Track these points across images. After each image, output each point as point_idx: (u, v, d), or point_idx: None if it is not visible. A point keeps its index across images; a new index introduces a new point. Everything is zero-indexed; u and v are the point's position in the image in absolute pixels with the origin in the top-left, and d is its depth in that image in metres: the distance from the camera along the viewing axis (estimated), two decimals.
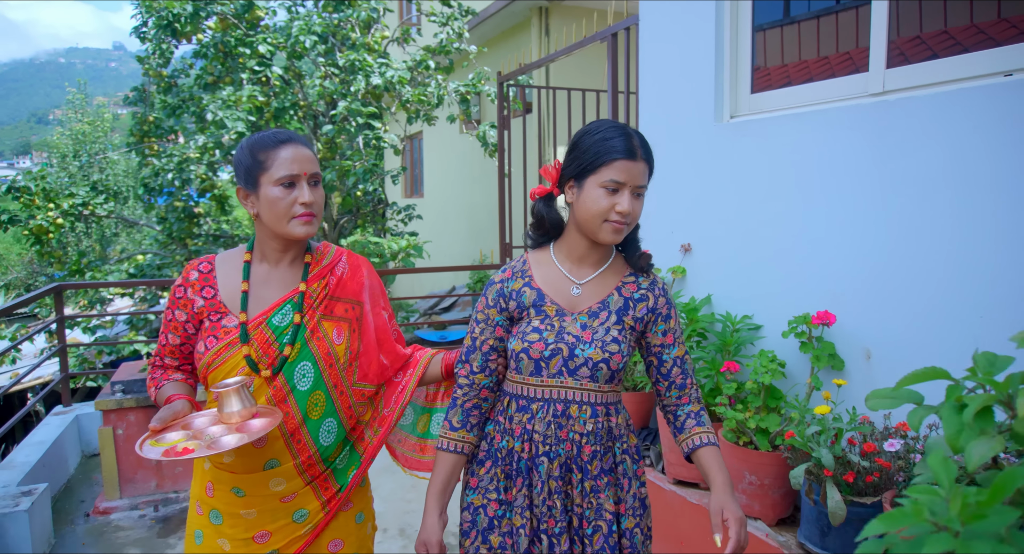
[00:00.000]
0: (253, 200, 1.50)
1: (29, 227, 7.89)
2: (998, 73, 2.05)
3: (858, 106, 2.42)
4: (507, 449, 1.55)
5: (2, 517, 3.07)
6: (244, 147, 1.52)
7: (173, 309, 1.55)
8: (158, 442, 1.34)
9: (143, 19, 7.97)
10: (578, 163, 1.46)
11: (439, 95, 7.67)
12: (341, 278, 1.63)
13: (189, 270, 1.57)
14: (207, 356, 1.50)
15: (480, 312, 1.58)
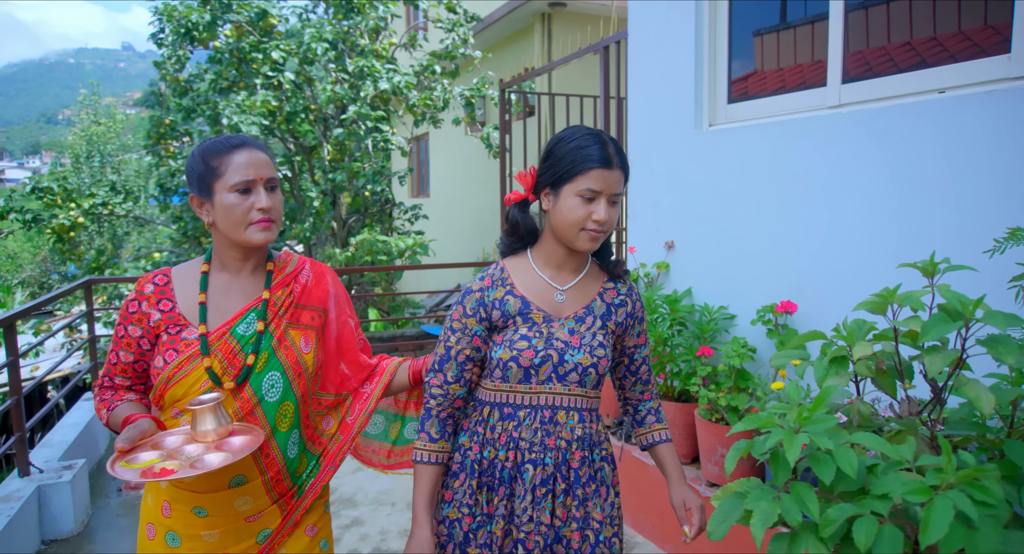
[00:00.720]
0: (208, 208, 1.44)
1: (51, 226, 8.23)
2: (933, 91, 2.33)
3: (817, 117, 2.70)
4: (488, 460, 1.54)
5: (48, 487, 3.39)
6: (196, 154, 1.45)
7: (126, 325, 1.46)
8: (129, 463, 1.27)
9: (160, 26, 8.29)
10: (553, 171, 1.46)
11: (445, 99, 7.97)
12: (306, 286, 1.59)
13: (143, 283, 1.49)
14: (167, 370, 1.43)
15: (456, 321, 1.53)
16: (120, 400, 1.47)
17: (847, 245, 2.56)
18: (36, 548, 3.30)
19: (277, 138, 8.30)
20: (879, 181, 2.44)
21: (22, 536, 3.15)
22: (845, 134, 2.58)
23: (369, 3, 7.53)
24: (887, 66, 2.54)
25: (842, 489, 0.92)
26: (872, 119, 2.49)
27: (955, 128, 2.21)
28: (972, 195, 2.16)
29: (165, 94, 9.09)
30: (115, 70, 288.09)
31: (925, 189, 2.29)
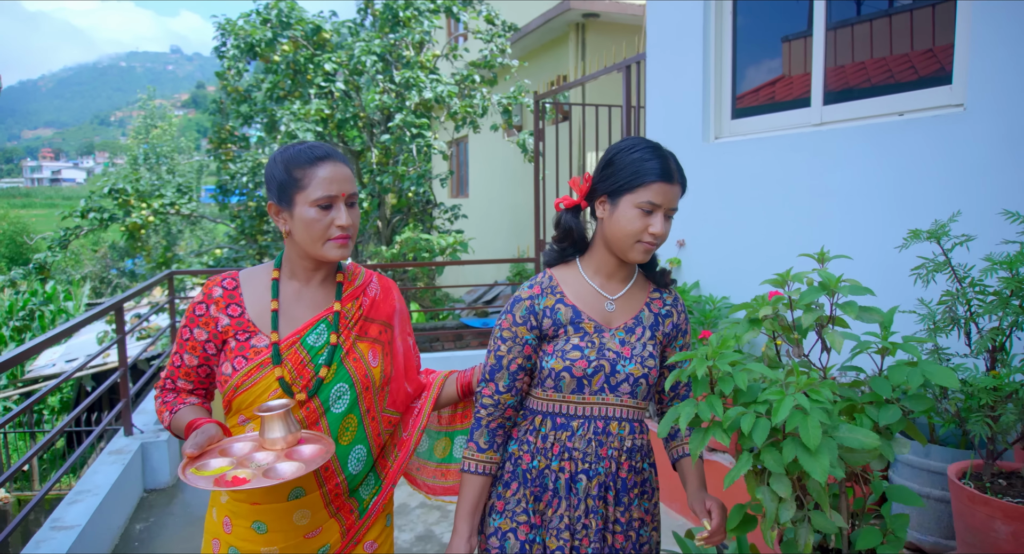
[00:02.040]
0: (286, 217, 1.42)
1: (125, 224, 9.03)
2: (894, 113, 2.77)
3: (804, 134, 3.15)
4: (538, 469, 1.52)
5: (149, 445, 4.02)
6: (278, 161, 1.42)
7: (191, 327, 1.44)
8: (200, 470, 1.25)
9: (223, 39, 9.02)
10: (613, 180, 1.46)
11: (484, 106, 8.52)
12: (374, 299, 1.57)
13: (212, 287, 1.46)
14: (235, 377, 1.41)
15: (506, 330, 1.50)
16: (182, 403, 1.45)
17: (826, 241, 3.00)
18: (140, 494, 3.94)
19: (328, 143, 8.95)
20: (853, 188, 2.89)
21: (131, 483, 3.79)
22: (826, 148, 3.02)
23: (415, 18, 8.12)
24: (859, 91, 2.98)
25: (740, 399, 1.41)
26: (847, 136, 2.93)
27: (910, 145, 2.65)
28: (922, 200, 2.59)
29: (225, 102, 9.85)
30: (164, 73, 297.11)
31: (885, 195, 2.74)
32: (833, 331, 1.46)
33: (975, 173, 2.44)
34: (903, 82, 2.81)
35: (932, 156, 2.57)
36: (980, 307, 1.72)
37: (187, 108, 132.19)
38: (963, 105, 2.49)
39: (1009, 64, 2.31)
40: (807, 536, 1.58)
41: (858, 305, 1.48)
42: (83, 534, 2.96)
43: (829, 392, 1.33)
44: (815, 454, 1.26)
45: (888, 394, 1.55)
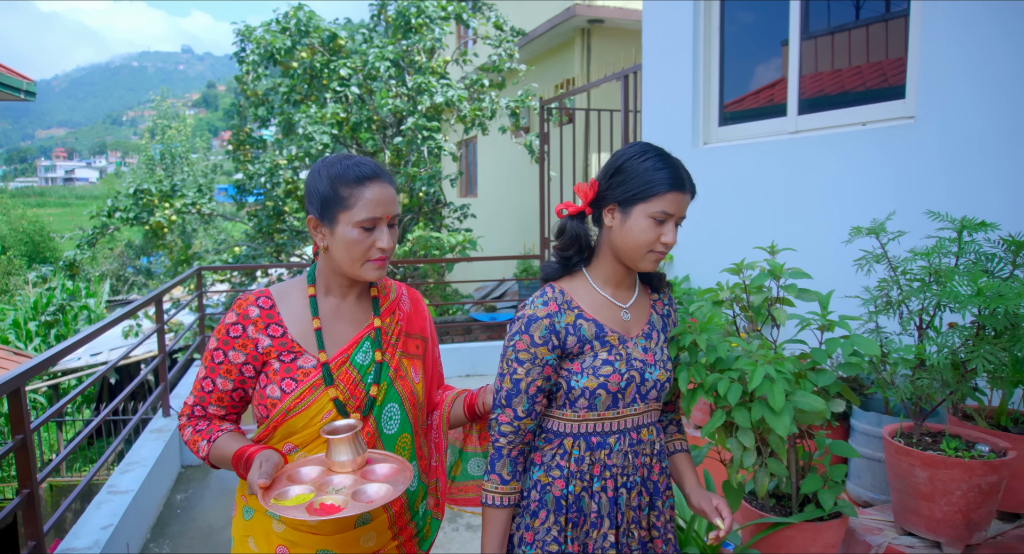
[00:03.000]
0: (325, 233, 1.37)
1: (149, 223, 9.43)
2: (858, 123, 3.10)
3: (781, 141, 3.48)
4: (575, 494, 1.46)
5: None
6: (323, 176, 1.36)
7: (226, 350, 1.36)
8: (280, 499, 1.21)
9: (242, 45, 9.41)
10: (625, 188, 1.43)
11: (492, 109, 8.87)
12: (408, 313, 1.54)
13: (246, 306, 1.38)
14: (287, 400, 1.34)
15: (523, 352, 1.42)
16: (220, 431, 1.37)
17: (798, 237, 3.33)
18: (179, 469, 4.32)
19: (343, 145, 9.32)
20: (823, 190, 3.22)
21: (171, 458, 4.16)
22: (800, 154, 3.35)
23: (426, 25, 8.47)
24: (829, 103, 3.31)
25: (719, 366, 1.76)
26: (818, 143, 3.26)
27: (871, 152, 2.98)
28: (880, 202, 2.92)
29: (243, 105, 10.24)
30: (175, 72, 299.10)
31: (849, 197, 3.07)
32: (779, 308, 1.80)
33: (923, 178, 2.77)
34: (866, 94, 3.14)
35: (888, 162, 2.90)
36: (907, 291, 2.05)
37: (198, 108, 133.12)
38: (914, 117, 2.81)
39: (954, 80, 2.63)
40: (764, 479, 1.93)
41: (797, 287, 1.82)
42: (136, 499, 3.34)
43: (791, 365, 1.67)
44: (779, 414, 1.60)
45: (824, 362, 1.89)
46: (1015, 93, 2.44)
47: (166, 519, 3.71)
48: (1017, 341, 1.97)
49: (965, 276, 1.89)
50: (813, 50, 3.42)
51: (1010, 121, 2.47)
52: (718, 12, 3.94)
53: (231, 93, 16.53)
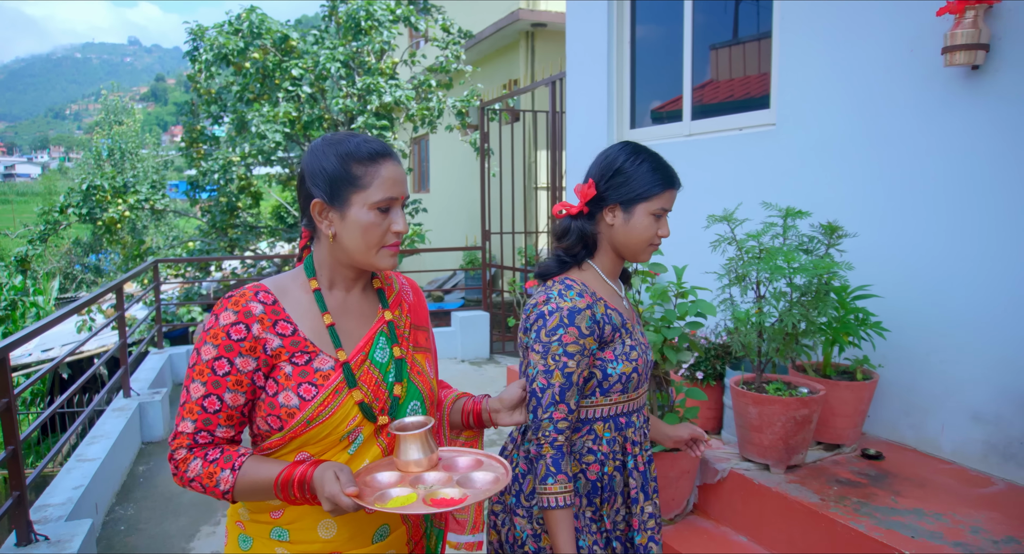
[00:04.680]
0: (333, 218, 1.22)
1: (102, 219, 9.58)
2: (736, 128, 3.63)
3: (678, 142, 4.00)
4: (608, 474, 1.52)
5: (146, 404, 4.73)
6: (330, 154, 1.21)
7: (231, 357, 1.16)
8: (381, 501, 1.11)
9: (194, 44, 9.61)
10: (628, 189, 1.49)
11: (439, 109, 9.27)
12: (412, 304, 1.43)
13: (244, 303, 1.19)
14: (309, 409, 1.18)
15: (572, 344, 1.42)
16: (241, 456, 1.17)
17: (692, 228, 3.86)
18: (139, 446, 4.65)
19: (296, 143, 9.62)
20: (712, 187, 3.75)
21: (131, 435, 4.49)
22: (694, 155, 3.88)
23: (375, 28, 8.83)
24: (715, 109, 3.85)
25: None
26: (708, 145, 3.79)
27: (746, 154, 3.51)
28: (753, 195, 3.46)
29: (196, 103, 10.42)
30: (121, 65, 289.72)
31: (731, 192, 3.60)
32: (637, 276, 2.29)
33: (783, 175, 3.31)
34: (744, 104, 3.68)
35: (757, 162, 3.44)
36: (744, 266, 2.57)
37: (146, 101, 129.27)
38: (775, 124, 3.36)
39: (808, 93, 3.17)
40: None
41: (652, 261, 2.31)
42: (103, 466, 3.68)
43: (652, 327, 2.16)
44: None
45: (674, 320, 2.39)
46: (857, 106, 2.98)
47: (130, 486, 4.05)
48: (825, 306, 2.51)
49: (781, 254, 2.41)
50: (703, 63, 3.95)
51: (852, 130, 3.02)
52: (628, 29, 4.45)
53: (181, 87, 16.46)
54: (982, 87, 2.49)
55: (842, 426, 2.73)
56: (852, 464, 2.66)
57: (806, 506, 2.31)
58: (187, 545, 3.35)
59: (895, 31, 2.77)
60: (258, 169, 10.49)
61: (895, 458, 2.71)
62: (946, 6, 2.45)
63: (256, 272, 10.79)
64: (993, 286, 2.50)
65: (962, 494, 2.38)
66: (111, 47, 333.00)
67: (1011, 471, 2.47)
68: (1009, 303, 2.45)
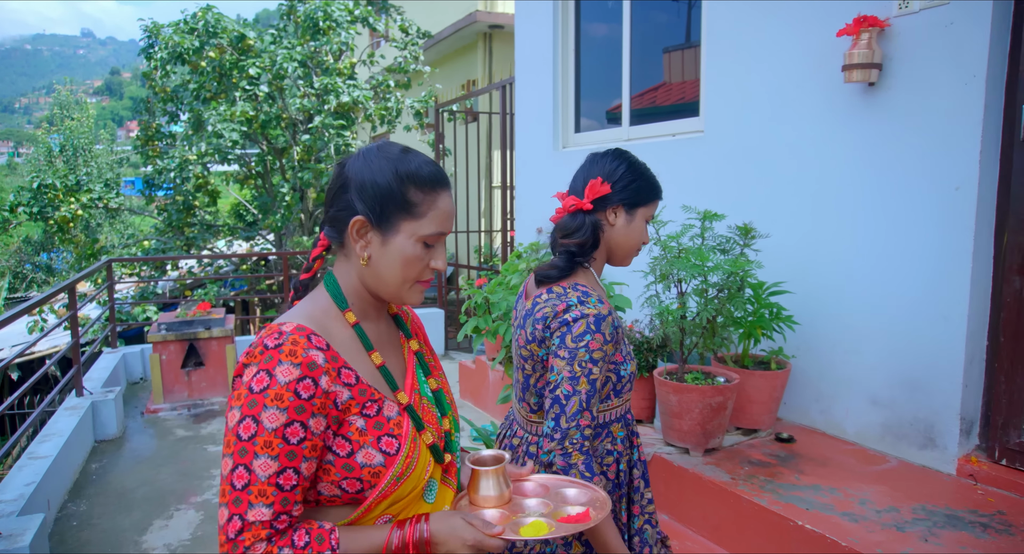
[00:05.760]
0: (373, 240, 1.08)
1: (53, 218, 9.44)
2: (669, 134, 3.85)
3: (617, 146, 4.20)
4: (626, 470, 1.57)
5: (99, 403, 4.77)
6: (385, 168, 1.07)
7: (305, 420, 0.96)
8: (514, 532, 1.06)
9: (149, 42, 9.54)
10: (634, 190, 1.52)
11: (397, 109, 9.38)
12: (420, 327, 1.33)
13: (303, 351, 0.98)
14: (398, 464, 1.04)
15: (597, 351, 1.41)
16: (332, 533, 1.00)
17: None
18: (92, 444, 4.69)
19: (253, 142, 9.62)
20: None
21: (84, 435, 4.53)
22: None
23: (333, 29, 8.89)
24: (651, 116, 4.06)
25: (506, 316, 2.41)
26: (645, 149, 3.98)
27: (679, 158, 3.73)
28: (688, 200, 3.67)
29: (152, 100, 10.33)
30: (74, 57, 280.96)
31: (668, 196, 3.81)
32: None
33: (710, 179, 3.53)
34: (678, 111, 3.90)
35: (689, 167, 3.66)
36: (665, 265, 2.77)
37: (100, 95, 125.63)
38: (703, 131, 3.58)
39: (730, 102, 3.40)
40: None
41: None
42: (55, 463, 3.74)
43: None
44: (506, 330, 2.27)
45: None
46: (773, 116, 3.21)
47: (82, 483, 4.10)
48: (741, 301, 2.73)
49: (695, 253, 2.62)
50: (644, 69, 4.16)
51: (768, 138, 3.25)
52: (573, 35, 4.64)
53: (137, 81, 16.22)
54: (876, 103, 2.73)
55: (758, 412, 2.96)
56: (765, 447, 2.89)
57: (718, 485, 2.53)
58: (139, 538, 3.43)
59: (804, 48, 3.00)
60: (216, 167, 10.46)
61: (805, 441, 2.95)
62: (844, 28, 2.69)
63: (214, 271, 10.75)
64: (887, 283, 2.75)
65: (859, 471, 2.62)
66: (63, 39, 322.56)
67: (903, 450, 2.73)
68: (901, 299, 2.71)
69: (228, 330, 5.62)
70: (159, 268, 10.13)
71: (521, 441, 1.61)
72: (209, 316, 5.70)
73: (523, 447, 1.60)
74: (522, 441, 1.61)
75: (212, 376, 5.57)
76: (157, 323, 5.57)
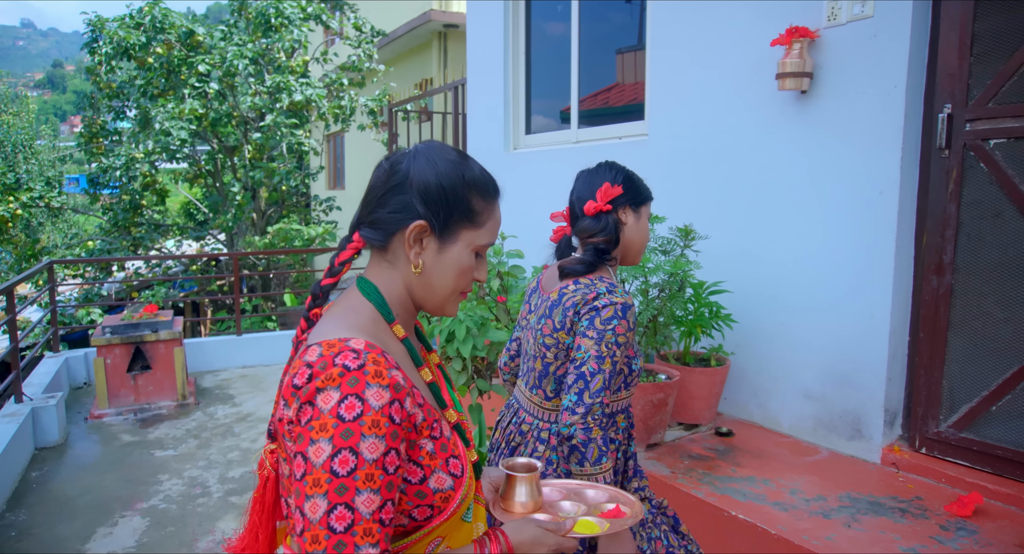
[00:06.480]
0: (430, 246, 1.01)
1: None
2: (615, 137, 3.94)
3: (566, 149, 4.28)
4: (623, 461, 1.67)
5: (39, 409, 4.63)
6: (451, 173, 1.01)
7: (399, 447, 0.88)
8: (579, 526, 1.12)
9: (93, 36, 9.27)
10: (636, 190, 1.73)
11: (351, 107, 9.31)
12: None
13: (387, 371, 0.89)
14: (465, 486, 1.00)
15: (621, 336, 1.53)
16: None
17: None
18: (32, 452, 4.56)
19: (204, 140, 9.43)
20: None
21: (23, 442, 4.41)
22: (579, 160, 4.15)
23: (285, 26, 8.77)
24: (599, 119, 4.14)
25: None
26: (592, 151, 4.07)
27: (625, 161, 3.81)
28: None
29: (96, 96, 10.03)
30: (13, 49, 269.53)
31: None
32: (498, 279, 2.53)
33: (654, 183, 3.62)
34: (625, 114, 3.99)
35: (635, 170, 3.74)
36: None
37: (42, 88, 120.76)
38: (647, 134, 3.67)
39: (673, 106, 3.50)
40: (475, 393, 2.67)
41: (512, 264, 2.55)
42: None
43: (482, 311, 2.39)
44: (463, 342, 2.32)
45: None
46: (713, 121, 3.31)
47: (22, 493, 3.99)
48: (682, 301, 2.82)
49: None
50: (593, 72, 4.24)
51: (709, 142, 3.35)
52: (524, 37, 4.70)
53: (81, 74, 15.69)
54: (808, 110, 2.86)
55: (699, 408, 3.07)
56: (705, 441, 2.99)
57: (658, 479, 2.61)
58: (82, 547, 3.37)
59: (742, 56, 3.12)
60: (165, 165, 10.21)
61: (743, 434, 3.06)
62: (777, 38, 2.80)
63: (162, 272, 10.50)
64: (818, 282, 2.88)
65: (792, 462, 2.74)
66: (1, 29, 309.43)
67: (833, 441, 2.86)
68: (831, 297, 2.84)
69: (176, 333, 5.52)
70: (104, 269, 9.85)
71: (531, 427, 1.68)
72: (156, 319, 5.58)
73: (533, 433, 1.67)
74: (532, 427, 1.68)
75: (159, 380, 5.47)
76: (102, 326, 5.43)
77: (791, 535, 2.15)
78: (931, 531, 2.16)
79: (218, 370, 6.60)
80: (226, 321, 8.84)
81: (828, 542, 2.10)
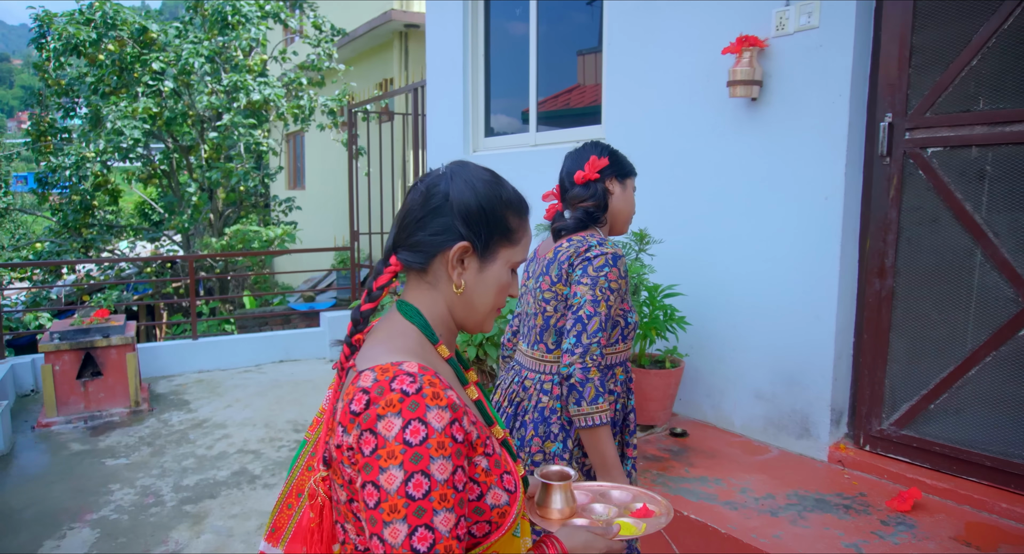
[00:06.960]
0: (471, 266, 1.03)
1: None
2: (573, 141, 3.97)
3: (524, 151, 4.30)
4: (624, 411, 1.79)
5: None
6: (489, 194, 1.04)
7: (463, 464, 0.91)
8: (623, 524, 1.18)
9: (40, 31, 8.98)
10: (621, 163, 1.85)
11: (310, 107, 9.20)
12: None
13: (444, 392, 0.90)
14: (519, 501, 1.02)
15: (614, 282, 1.62)
16: None
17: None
18: None
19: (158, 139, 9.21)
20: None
21: None
22: (538, 163, 4.19)
23: (243, 24, 8.62)
24: (557, 122, 4.18)
25: None
26: (550, 154, 4.10)
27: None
28: None
29: (44, 93, 9.72)
30: None
31: None
32: None
33: None
34: (583, 118, 4.03)
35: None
36: None
37: None
38: (604, 138, 3.71)
39: (630, 111, 3.54)
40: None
41: None
42: None
43: None
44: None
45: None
46: (668, 126, 3.37)
47: None
48: (637, 303, 2.85)
49: None
50: (555, 73, 4.27)
51: (664, 147, 3.40)
52: (483, 40, 4.70)
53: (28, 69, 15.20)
54: (758, 117, 2.93)
55: (655, 409, 3.11)
56: (660, 442, 3.04)
57: None
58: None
59: (695, 63, 3.18)
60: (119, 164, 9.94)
61: (697, 435, 3.12)
62: (728, 46, 2.86)
63: (115, 274, 10.22)
64: (768, 285, 2.95)
65: (743, 462, 2.81)
66: None
67: (783, 440, 2.94)
68: (780, 299, 2.91)
69: (128, 338, 5.38)
70: (53, 272, 9.54)
71: (534, 382, 1.76)
72: (108, 323, 5.43)
73: (536, 386, 1.75)
74: (534, 382, 1.76)
75: (111, 386, 5.33)
76: (50, 331, 5.27)
77: (740, 534, 2.20)
78: (873, 527, 2.23)
79: (173, 375, 6.46)
80: (182, 325, 8.65)
81: (775, 540, 2.16)
